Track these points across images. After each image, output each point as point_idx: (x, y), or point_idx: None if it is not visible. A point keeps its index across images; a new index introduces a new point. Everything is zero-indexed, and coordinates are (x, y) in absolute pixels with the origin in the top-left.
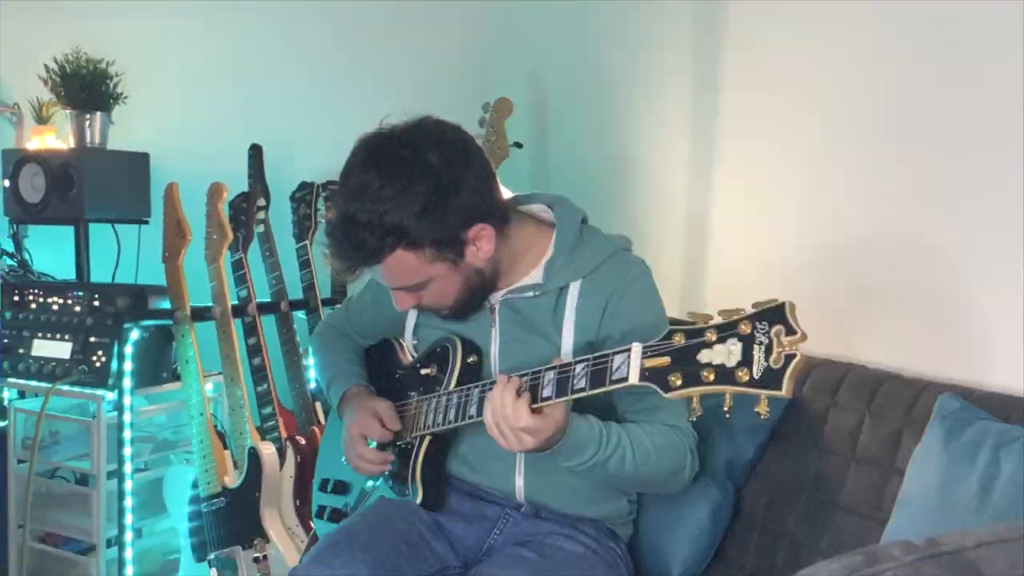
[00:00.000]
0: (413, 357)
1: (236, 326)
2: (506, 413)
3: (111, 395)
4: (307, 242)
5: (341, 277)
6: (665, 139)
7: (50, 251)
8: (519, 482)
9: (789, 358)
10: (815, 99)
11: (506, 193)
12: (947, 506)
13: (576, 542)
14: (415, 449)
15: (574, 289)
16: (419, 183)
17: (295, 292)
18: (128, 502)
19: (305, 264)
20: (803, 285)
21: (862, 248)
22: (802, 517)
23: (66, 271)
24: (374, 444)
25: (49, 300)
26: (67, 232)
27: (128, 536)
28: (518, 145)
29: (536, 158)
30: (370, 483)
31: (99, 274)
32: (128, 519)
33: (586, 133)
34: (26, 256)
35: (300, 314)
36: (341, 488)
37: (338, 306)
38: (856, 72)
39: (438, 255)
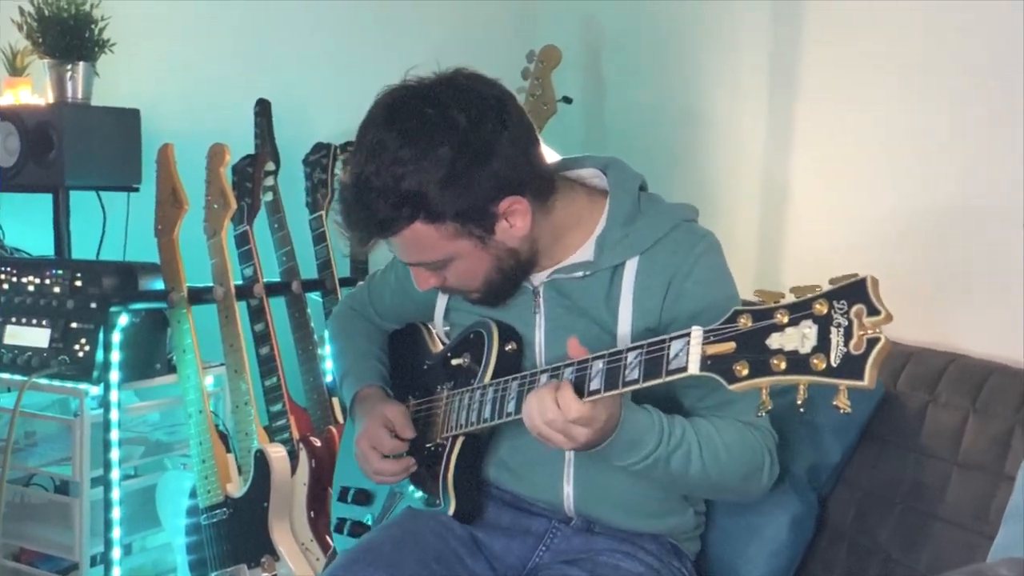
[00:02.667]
0: (444, 345)
1: (240, 310)
2: (547, 408)
3: (96, 390)
4: (322, 213)
5: (354, 249)
6: (738, 95)
7: (25, 223)
8: (568, 491)
9: (872, 342)
10: (911, 52)
11: (552, 156)
12: None
13: (635, 560)
14: (446, 452)
15: (631, 267)
16: (443, 145)
17: (309, 271)
18: (116, 514)
19: (320, 238)
20: (896, 263)
21: (964, 221)
22: (896, 530)
23: (43, 246)
24: None
25: (23, 280)
26: (45, 201)
27: (116, 553)
28: (567, 100)
29: (588, 115)
30: (397, 491)
31: (82, 249)
32: (116, 533)
33: (647, 87)
34: None
35: (315, 296)
36: (363, 498)
37: (359, 284)
38: (959, 18)
39: (462, 231)
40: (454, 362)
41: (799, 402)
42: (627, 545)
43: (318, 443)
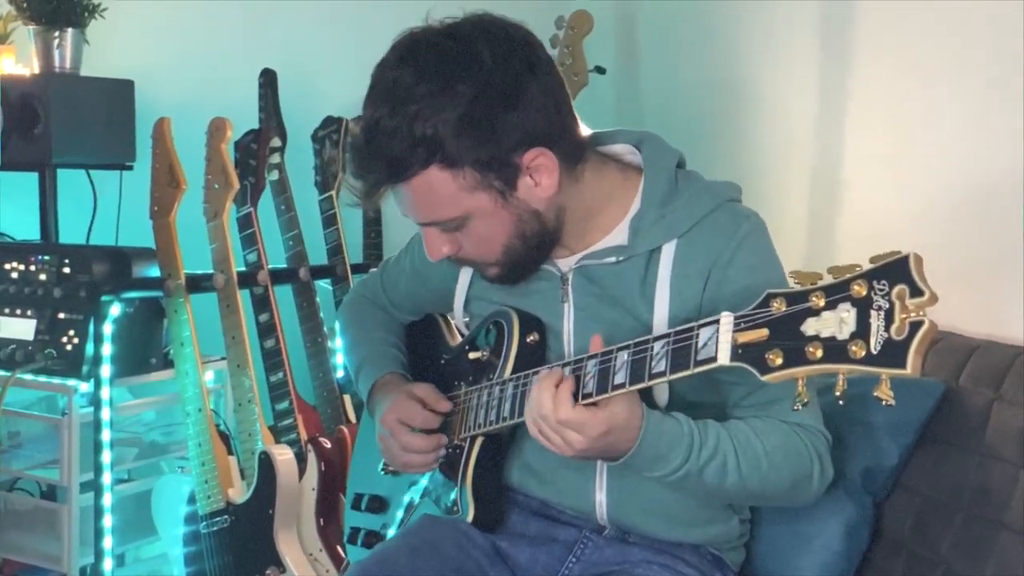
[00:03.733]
0: (462, 338)
1: (243, 299)
2: (543, 404)
3: (85, 386)
4: (333, 193)
5: (363, 205)
6: (786, 65)
7: (8, 204)
8: (600, 497)
9: (915, 326)
10: (971, 21)
11: (583, 130)
12: None
13: (673, 572)
14: (464, 454)
15: (668, 251)
16: (464, 83)
17: (318, 256)
18: (107, 521)
19: (331, 220)
20: (958, 245)
21: None
22: (959, 540)
23: (28, 229)
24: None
25: (7, 266)
26: (30, 180)
27: (107, 564)
28: (600, 70)
29: (622, 86)
30: (414, 498)
31: (70, 233)
32: (107, 543)
33: (686, 57)
34: None
35: (325, 284)
36: (377, 505)
37: (372, 272)
38: None
39: (481, 182)
40: (472, 356)
41: (837, 393)
42: (665, 556)
43: (328, 444)
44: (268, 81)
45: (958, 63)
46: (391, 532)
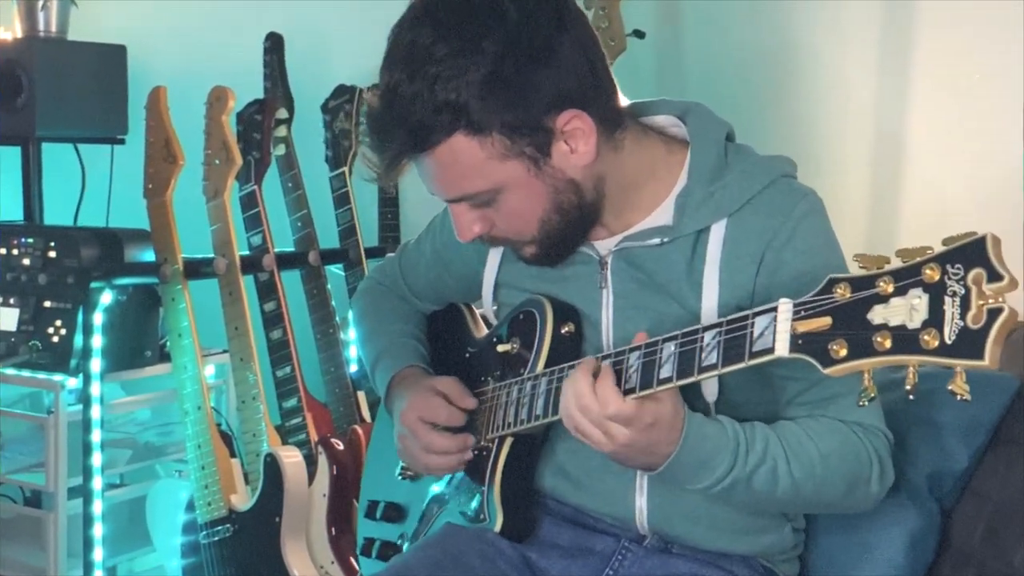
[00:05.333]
0: (489, 329)
1: (247, 285)
2: (582, 395)
3: (74, 382)
4: (345, 169)
5: (381, 180)
6: (844, 32)
7: None
8: (641, 504)
9: (994, 313)
10: None
11: (622, 99)
12: None
13: None
14: (492, 456)
15: (717, 232)
16: (487, 40)
17: (329, 239)
18: (97, 530)
19: (343, 200)
20: None
21: None
22: None
23: (10, 210)
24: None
25: None
26: (12, 155)
27: None
28: (639, 34)
29: (663, 53)
30: (435, 505)
31: (56, 214)
32: (97, 554)
33: (733, 21)
34: None
35: (336, 269)
36: (394, 513)
37: (389, 256)
38: None
39: (512, 148)
40: (500, 349)
41: (908, 387)
42: (712, 568)
43: (340, 446)
44: (274, 46)
45: None
46: (409, 543)
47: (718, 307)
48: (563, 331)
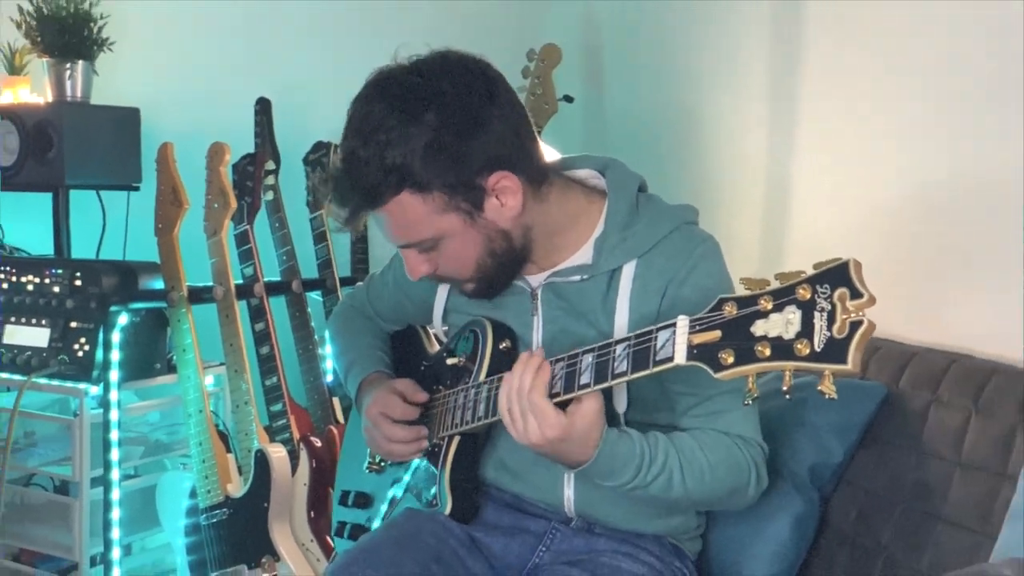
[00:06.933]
0: (440, 346)
1: (241, 309)
2: (522, 379)
3: (95, 389)
4: (323, 212)
5: (345, 230)
6: (740, 93)
7: (24, 222)
8: (568, 492)
9: (855, 325)
10: (908, 48)
11: (552, 155)
12: None
13: (636, 561)
14: (443, 451)
15: (628, 270)
16: (428, 113)
17: (309, 270)
18: (115, 514)
19: (321, 237)
20: (896, 259)
21: (967, 210)
22: (899, 531)
23: (43, 245)
24: None
25: (23, 279)
26: (44, 200)
27: (116, 553)
28: (568, 99)
29: (589, 114)
30: (397, 493)
31: (81, 249)
32: (115, 534)
33: (648, 86)
34: None
35: (315, 295)
36: (363, 501)
37: (359, 284)
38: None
39: (450, 204)
40: (449, 362)
41: (784, 388)
42: (628, 546)
43: (319, 443)
44: (263, 109)
45: (891, 93)
46: (375, 525)
47: (628, 331)
48: (501, 347)
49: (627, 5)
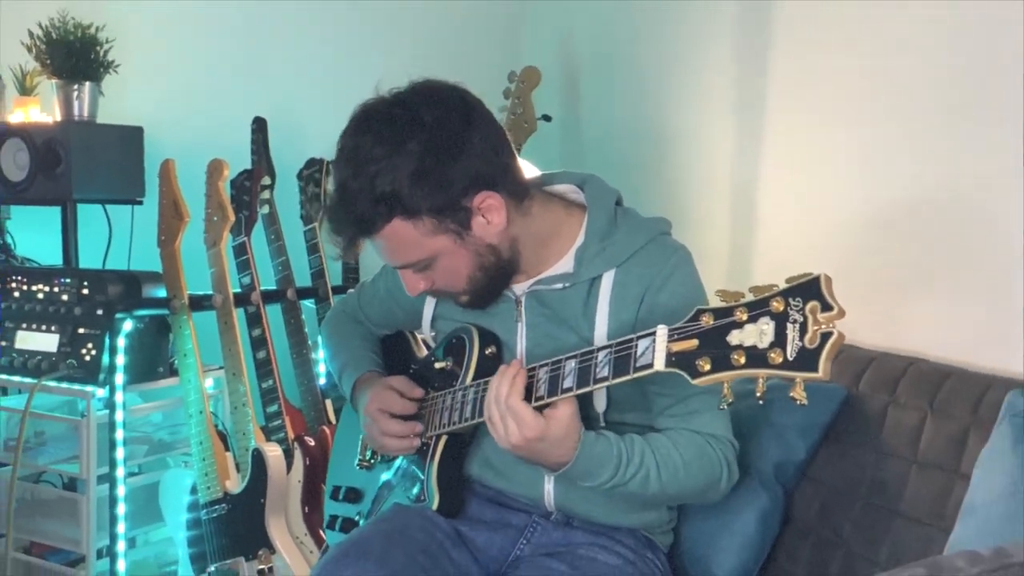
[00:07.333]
0: (428, 350)
1: (239, 316)
2: (500, 387)
3: (102, 392)
4: (316, 224)
5: (344, 256)
6: (709, 111)
7: (34, 234)
8: (549, 488)
9: (825, 336)
10: (870, 69)
11: (532, 171)
12: (1017, 513)
13: (611, 553)
14: (431, 450)
15: (607, 279)
16: (412, 142)
17: (303, 279)
18: (121, 509)
19: (314, 248)
20: (856, 269)
21: (924, 225)
22: (858, 525)
23: (52, 256)
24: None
25: (34, 288)
26: (53, 213)
27: (121, 546)
28: (547, 118)
29: (566, 132)
30: (386, 489)
31: (88, 259)
32: (120, 528)
33: (622, 105)
34: (8, 240)
35: (308, 303)
36: (353, 496)
37: (350, 292)
38: (915, 39)
39: (439, 226)
40: (437, 366)
41: (758, 394)
42: (604, 539)
43: (312, 442)
44: (259, 127)
45: (852, 113)
46: (365, 519)
47: (607, 336)
48: (487, 352)
49: (602, 30)
